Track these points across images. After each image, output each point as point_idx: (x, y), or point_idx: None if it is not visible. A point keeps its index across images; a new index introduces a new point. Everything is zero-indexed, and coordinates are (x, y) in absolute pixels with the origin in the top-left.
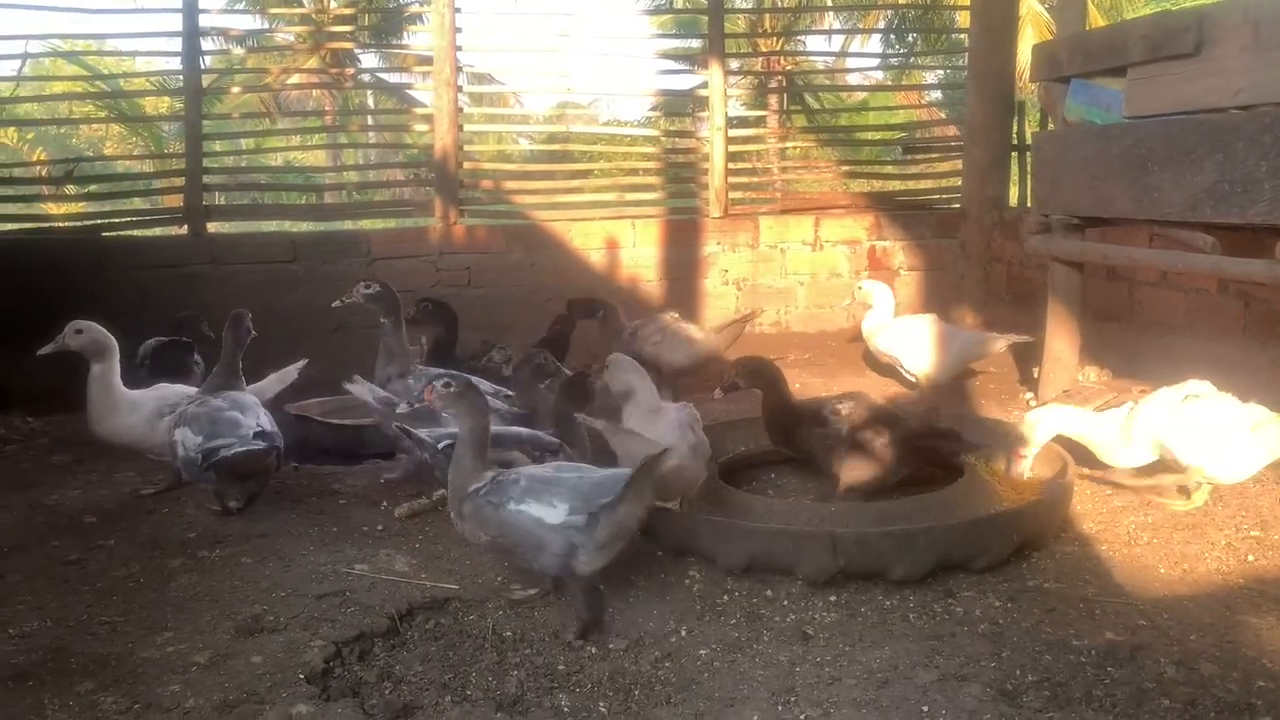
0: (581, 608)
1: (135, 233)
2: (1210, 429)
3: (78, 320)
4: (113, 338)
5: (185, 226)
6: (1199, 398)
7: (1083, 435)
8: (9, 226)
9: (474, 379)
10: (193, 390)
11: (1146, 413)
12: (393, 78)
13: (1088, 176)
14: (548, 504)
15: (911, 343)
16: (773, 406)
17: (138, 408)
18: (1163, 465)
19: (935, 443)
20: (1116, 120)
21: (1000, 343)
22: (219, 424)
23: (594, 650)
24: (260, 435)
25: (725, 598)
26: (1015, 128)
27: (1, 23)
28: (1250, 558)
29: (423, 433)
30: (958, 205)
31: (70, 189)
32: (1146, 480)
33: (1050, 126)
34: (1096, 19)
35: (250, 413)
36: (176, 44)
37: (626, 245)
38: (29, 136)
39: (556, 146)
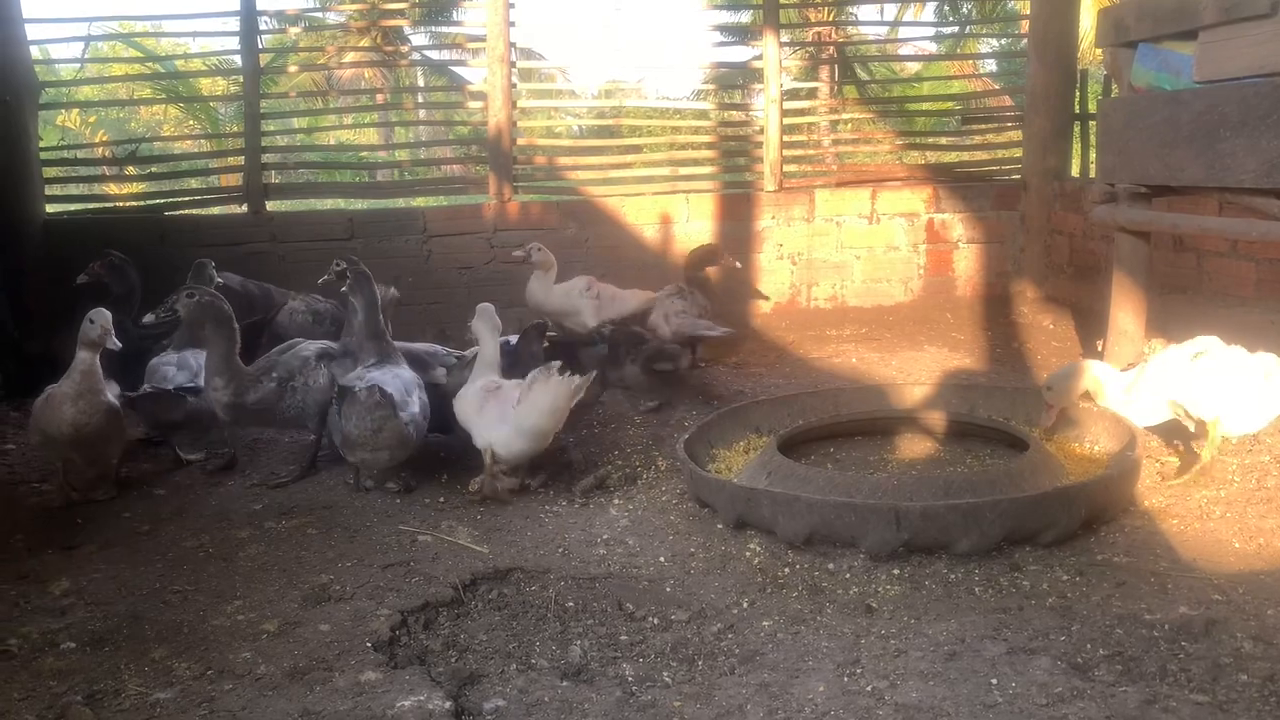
0: None
1: (196, 212)
2: (1222, 382)
3: (92, 310)
4: None
5: (245, 205)
6: (1206, 354)
7: (1103, 396)
8: (74, 206)
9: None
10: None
11: (1155, 373)
12: (443, 56)
13: (1156, 144)
14: None
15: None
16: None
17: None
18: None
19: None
20: (1186, 85)
21: (641, 297)
22: (150, 375)
23: (656, 621)
24: (181, 388)
25: (786, 570)
26: (1076, 96)
27: (63, 7)
28: None
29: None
30: (1017, 176)
31: (130, 170)
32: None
33: (1115, 94)
34: None
35: (185, 370)
36: (235, 24)
37: (680, 220)
38: (91, 120)
39: (609, 122)
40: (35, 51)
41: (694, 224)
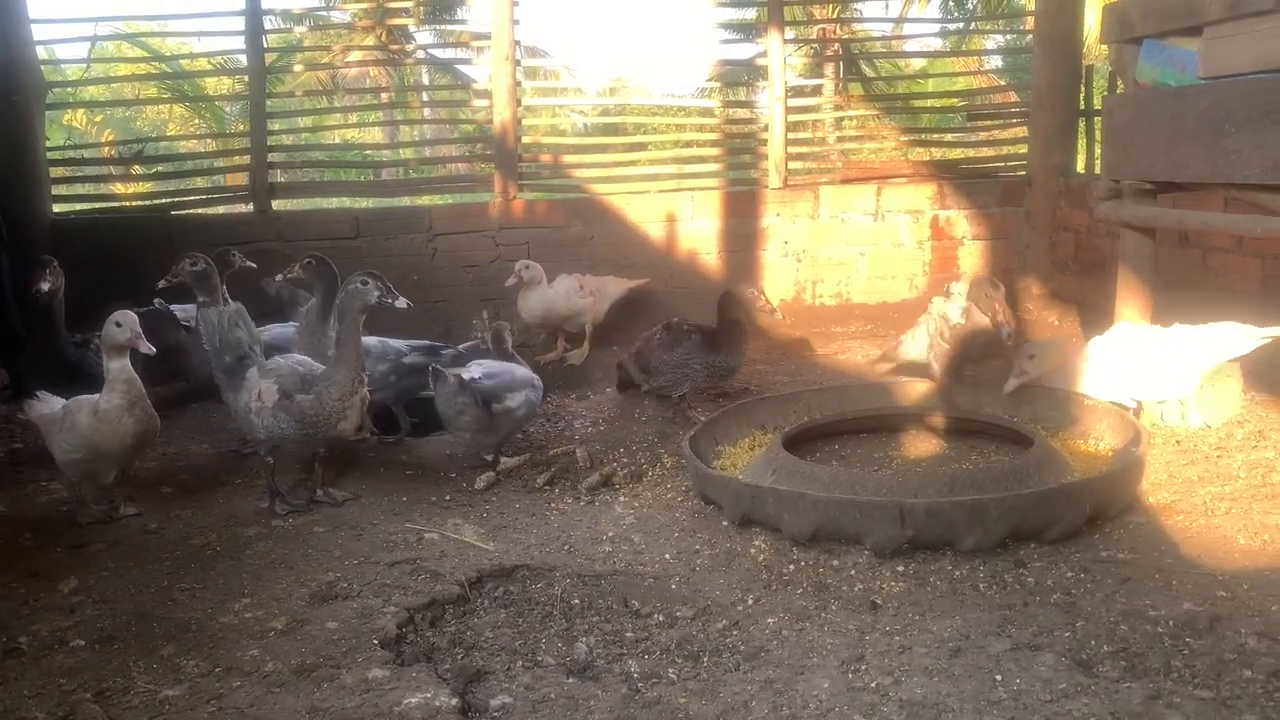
0: None
1: (202, 211)
2: (1144, 362)
3: (117, 313)
4: None
5: (251, 204)
6: (1130, 339)
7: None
8: (80, 206)
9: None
10: None
11: (1094, 356)
12: (448, 54)
13: (1161, 140)
14: None
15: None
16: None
17: None
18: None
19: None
20: (1191, 81)
21: (622, 284)
22: None
23: (661, 618)
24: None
25: (791, 567)
26: (1082, 92)
27: (69, 7)
28: None
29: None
30: (1023, 173)
31: (136, 169)
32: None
33: (1120, 90)
34: None
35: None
36: (240, 23)
37: (685, 218)
38: (98, 119)
39: (614, 119)
40: (41, 51)
41: (699, 222)
